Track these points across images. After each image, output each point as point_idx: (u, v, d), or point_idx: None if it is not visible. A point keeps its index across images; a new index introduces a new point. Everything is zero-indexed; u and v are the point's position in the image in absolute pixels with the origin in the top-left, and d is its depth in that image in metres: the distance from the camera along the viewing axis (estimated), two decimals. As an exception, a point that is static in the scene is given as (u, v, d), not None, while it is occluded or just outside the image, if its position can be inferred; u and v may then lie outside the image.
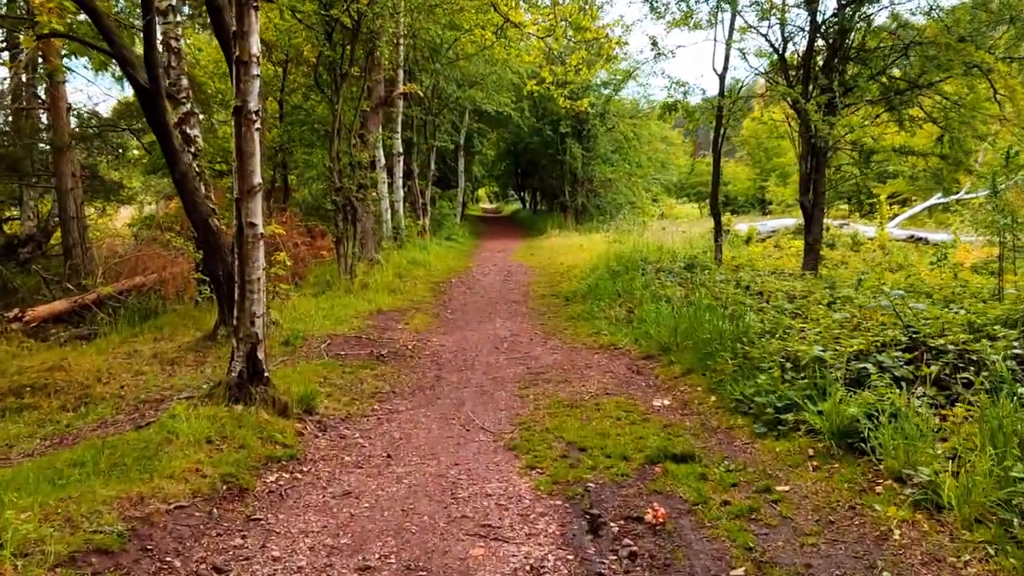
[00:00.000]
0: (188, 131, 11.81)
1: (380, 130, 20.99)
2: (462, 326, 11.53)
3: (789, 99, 14.35)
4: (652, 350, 8.84)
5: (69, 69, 19.15)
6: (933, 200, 28.27)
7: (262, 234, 6.55)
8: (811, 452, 5.47)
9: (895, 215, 28.54)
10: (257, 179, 6.52)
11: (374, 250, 17.55)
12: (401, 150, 22.48)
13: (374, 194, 17.83)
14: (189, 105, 12.07)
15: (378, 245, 20.12)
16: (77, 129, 19.68)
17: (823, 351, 6.41)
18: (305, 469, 5.52)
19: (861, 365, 6.19)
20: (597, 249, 22.18)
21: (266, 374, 6.53)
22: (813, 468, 5.25)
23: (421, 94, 22.83)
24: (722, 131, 15.86)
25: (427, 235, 24.93)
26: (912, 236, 24.98)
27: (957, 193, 27.62)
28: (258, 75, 6.46)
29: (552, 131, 32.50)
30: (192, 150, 11.50)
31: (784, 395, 6.22)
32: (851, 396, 5.65)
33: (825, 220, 26.63)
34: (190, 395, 7.07)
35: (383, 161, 21.33)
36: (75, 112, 19.76)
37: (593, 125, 33.17)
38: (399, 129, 22.38)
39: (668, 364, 8.20)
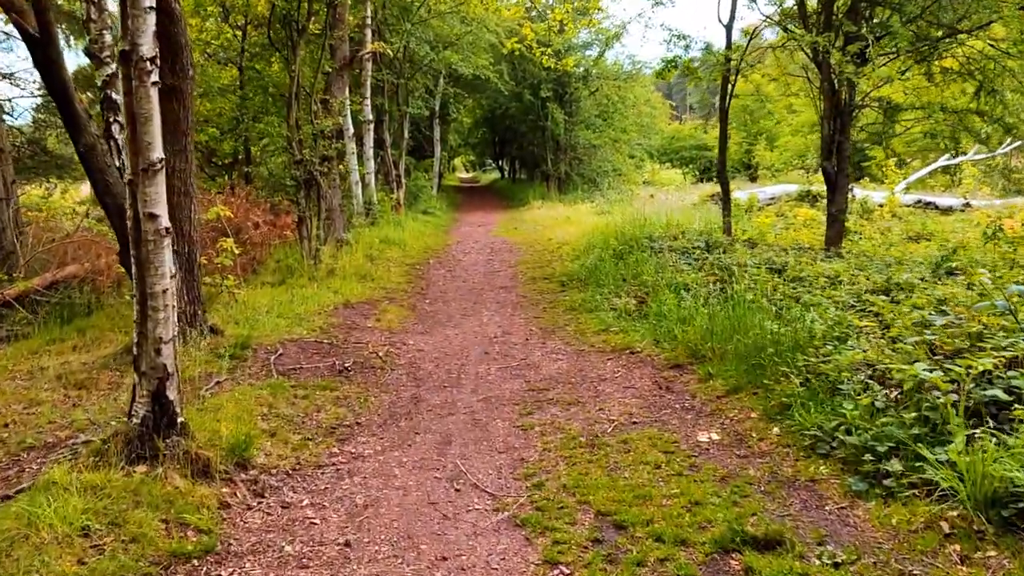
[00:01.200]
0: (114, 96, 9.95)
1: (347, 94, 19.08)
2: (443, 321, 9.82)
3: (809, 48, 12.65)
4: (680, 356, 7.17)
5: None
6: (941, 162, 26.75)
7: (167, 229, 4.79)
8: (946, 527, 3.85)
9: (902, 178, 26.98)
10: (157, 153, 4.73)
11: (343, 229, 15.75)
12: (372, 117, 20.55)
13: (341, 167, 16.01)
14: (115, 66, 10.19)
15: (348, 223, 18.29)
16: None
17: (929, 371, 4.77)
18: (224, 575, 3.82)
19: (989, 392, 4.57)
20: (586, 222, 20.49)
21: (180, 419, 4.80)
22: (959, 558, 3.63)
23: (391, 55, 20.87)
24: (730, 90, 14.12)
25: (402, 209, 23.10)
26: (920, 201, 23.51)
27: (967, 154, 26.18)
28: (153, 8, 4.65)
29: (532, 95, 30.58)
30: (119, 119, 9.66)
31: (883, 433, 4.60)
32: (996, 445, 4.03)
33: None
34: (89, 439, 5.34)
35: (351, 130, 19.45)
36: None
37: (576, 88, 31.29)
38: (368, 94, 20.43)
39: (706, 378, 6.53)
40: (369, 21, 19.99)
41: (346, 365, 7.43)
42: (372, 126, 20.55)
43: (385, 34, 22.08)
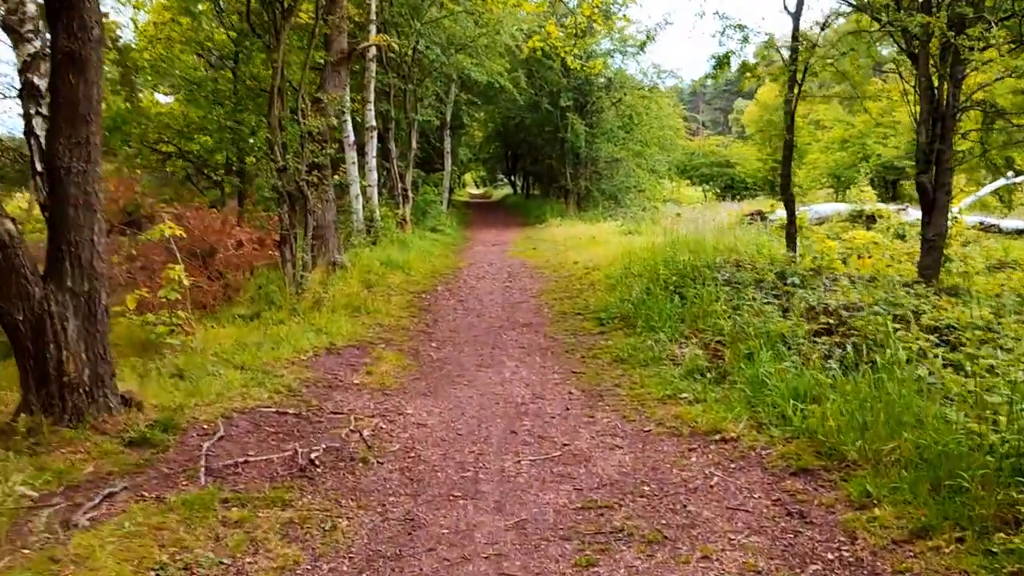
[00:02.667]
0: (35, 80, 7.78)
1: (347, 94, 16.91)
2: (454, 375, 7.53)
3: (902, 38, 10.43)
4: (804, 454, 4.84)
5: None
6: (1003, 181, 24.40)
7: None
8: None
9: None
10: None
11: (337, 250, 13.51)
12: (375, 124, 18.38)
13: (337, 177, 13.82)
14: (39, 44, 8.01)
15: (345, 242, 16.07)
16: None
17: None
18: None
19: None
20: (614, 243, 18.21)
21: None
22: None
23: (396, 48, 18.72)
24: (797, 91, 11.86)
25: (408, 226, 20.89)
26: (982, 223, 21.11)
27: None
28: None
29: (551, 105, 28.36)
30: (42, 110, 7.49)
31: None
32: None
33: (879, 204, 22.78)
34: None
35: (352, 137, 17.29)
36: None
37: (598, 98, 29.09)
38: (372, 98, 18.27)
39: (862, 501, 4.17)
40: (373, 16, 17.87)
41: (313, 456, 5.13)
42: (375, 134, 18.36)
43: (392, 34, 19.95)
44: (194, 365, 7.05)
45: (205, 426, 5.50)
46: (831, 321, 6.61)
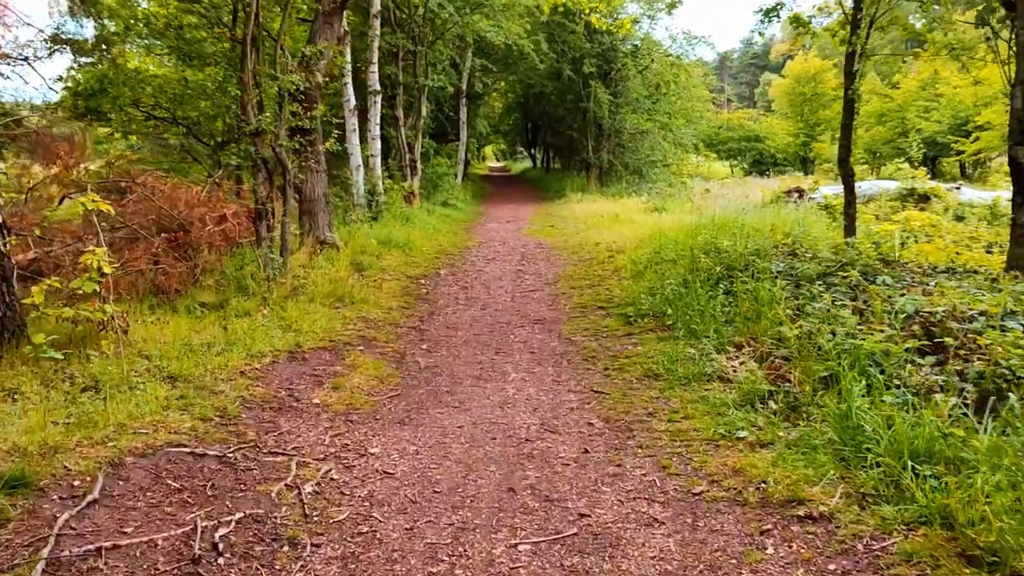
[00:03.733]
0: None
1: (346, 49, 15.29)
2: (442, 394, 5.94)
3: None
4: (947, 559, 3.20)
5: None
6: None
7: None
8: None
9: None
10: None
11: (327, 227, 11.93)
12: (379, 88, 16.73)
13: (327, 145, 12.22)
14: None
15: (343, 217, 14.51)
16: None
17: None
18: None
19: None
20: (639, 221, 16.52)
21: None
22: None
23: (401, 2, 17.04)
24: (859, 50, 10.06)
25: (416, 200, 19.28)
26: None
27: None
28: None
29: (573, 72, 26.51)
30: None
31: None
32: None
33: (931, 183, 20.90)
34: None
35: (352, 101, 15.68)
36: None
37: (623, 65, 27.22)
38: (375, 59, 16.61)
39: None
40: (377, -33, 16.19)
41: (219, 535, 3.57)
42: (379, 98, 16.71)
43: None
44: (112, 376, 5.52)
45: (77, 481, 3.95)
46: (945, 338, 4.94)
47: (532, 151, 49.22)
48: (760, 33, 11.47)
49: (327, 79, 11.80)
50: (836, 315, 5.87)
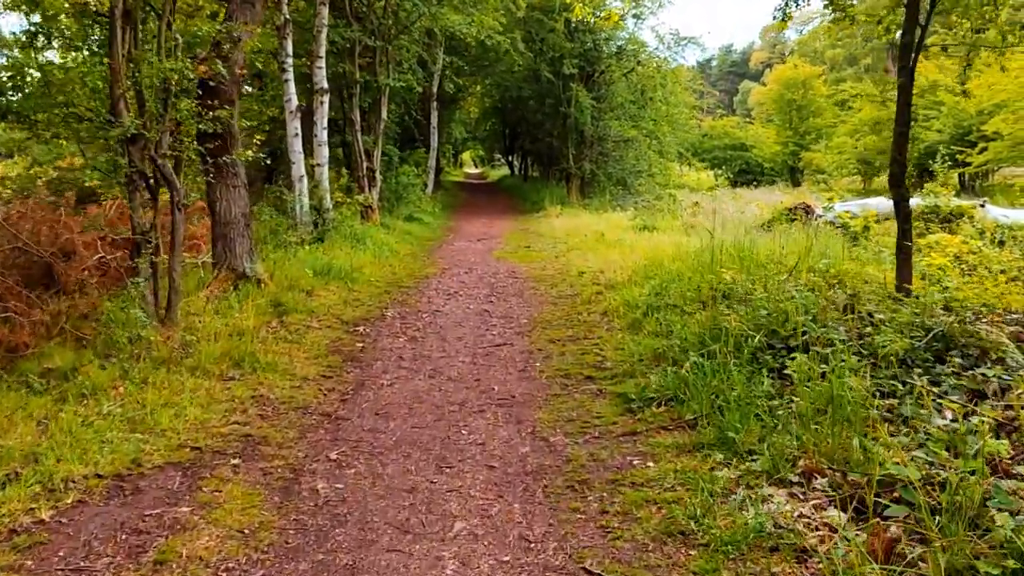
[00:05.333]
0: None
1: (287, 37, 13.03)
2: (337, 571, 3.66)
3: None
4: None
5: None
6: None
7: None
8: None
9: None
10: None
11: (247, 256, 9.57)
12: (326, 85, 14.40)
13: (250, 152, 9.92)
14: None
15: (279, 239, 12.17)
16: None
17: None
18: None
19: None
20: (629, 242, 14.32)
21: None
22: None
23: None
24: (918, 34, 7.88)
25: (375, 215, 16.96)
26: None
27: None
28: None
29: (553, 74, 24.28)
30: None
31: None
32: None
33: (959, 200, 18.82)
34: None
35: (294, 102, 13.36)
36: None
37: (607, 66, 25.04)
38: (323, 53, 14.29)
39: None
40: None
41: None
42: (326, 98, 14.37)
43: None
44: None
45: None
46: None
47: (510, 158, 46.98)
48: (786, 15, 9.21)
49: (245, 72, 9.46)
50: (973, 440, 3.63)
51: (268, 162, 17.49)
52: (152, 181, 7.26)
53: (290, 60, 13.30)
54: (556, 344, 7.66)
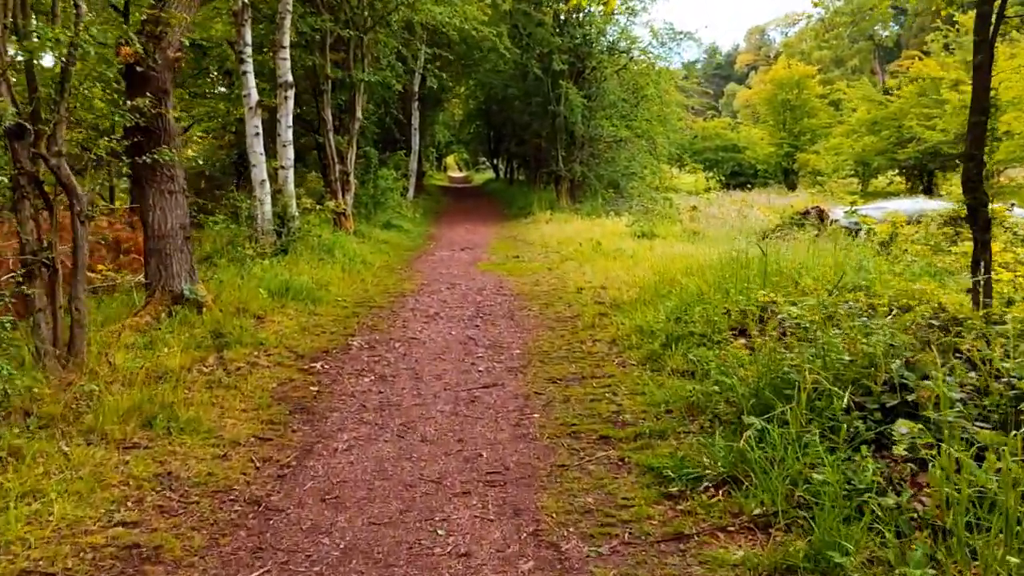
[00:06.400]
0: None
1: (245, 24, 11.57)
2: None
3: None
4: None
5: None
6: None
7: None
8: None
9: None
10: None
11: (187, 275, 8.02)
12: (291, 79, 12.88)
13: (191, 151, 8.38)
14: None
15: (234, 252, 10.65)
16: None
17: None
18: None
19: None
20: (629, 250, 12.90)
21: None
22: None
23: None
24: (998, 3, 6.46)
25: (349, 223, 15.46)
26: None
27: None
28: None
29: (541, 70, 22.81)
30: None
31: None
32: None
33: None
34: None
35: (254, 96, 11.85)
36: None
37: (599, 62, 23.61)
38: (287, 42, 12.78)
39: None
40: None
41: None
42: (291, 93, 12.85)
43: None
44: None
45: None
46: None
47: (495, 161, 45.49)
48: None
49: (181, 56, 7.92)
50: None
51: (237, 165, 16.03)
52: (45, 186, 5.73)
53: (249, 50, 11.78)
54: (557, 386, 6.17)
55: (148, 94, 6.94)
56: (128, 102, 6.45)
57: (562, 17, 22.73)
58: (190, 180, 19.41)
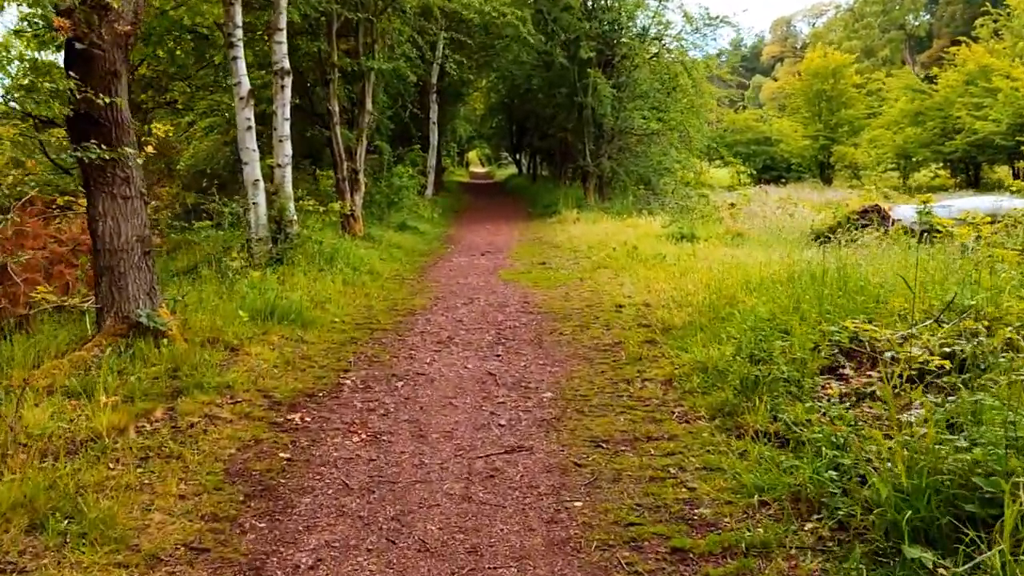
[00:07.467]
0: None
1: (234, 4, 10.21)
2: None
3: None
4: None
5: None
6: None
7: None
8: None
9: None
10: None
11: (146, 297, 6.60)
12: (287, 65, 11.46)
13: (150, 149, 6.99)
14: None
15: (220, 263, 9.25)
16: None
17: None
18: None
19: None
20: (671, 257, 11.35)
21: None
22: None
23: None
24: None
25: (358, 225, 14.06)
26: None
27: None
28: None
29: (567, 59, 21.25)
30: None
31: None
32: None
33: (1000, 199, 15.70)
34: None
35: (245, 85, 10.47)
36: None
37: (629, 49, 22.02)
38: (283, 24, 11.36)
39: None
40: None
41: None
42: (288, 81, 11.44)
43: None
44: None
45: None
46: None
47: (517, 156, 44.00)
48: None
49: (135, 30, 6.49)
50: None
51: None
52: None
53: (239, 32, 10.38)
54: (603, 452, 4.68)
55: (94, 76, 5.54)
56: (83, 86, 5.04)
57: (589, 2, 21.18)
58: (190, 179, 18.21)
